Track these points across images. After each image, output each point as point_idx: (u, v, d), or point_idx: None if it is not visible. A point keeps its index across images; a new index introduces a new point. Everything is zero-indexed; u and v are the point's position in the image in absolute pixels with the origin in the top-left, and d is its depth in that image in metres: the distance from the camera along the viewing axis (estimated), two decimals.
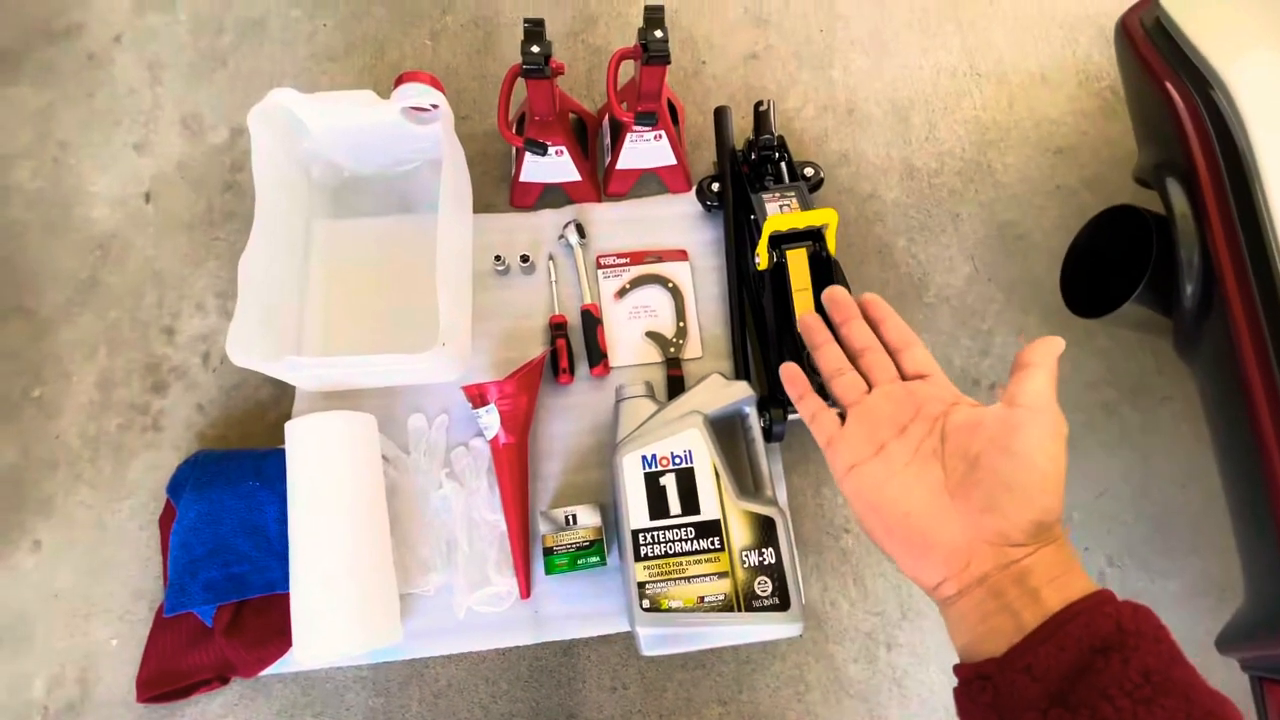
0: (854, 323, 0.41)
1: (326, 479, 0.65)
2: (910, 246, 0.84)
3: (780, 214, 0.70)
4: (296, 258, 0.76)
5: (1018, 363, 0.35)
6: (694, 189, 0.81)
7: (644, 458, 0.65)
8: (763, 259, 0.69)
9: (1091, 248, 0.65)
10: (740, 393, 0.68)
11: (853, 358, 0.40)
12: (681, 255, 0.81)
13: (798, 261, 0.69)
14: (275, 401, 0.75)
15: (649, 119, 0.70)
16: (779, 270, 0.69)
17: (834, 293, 0.41)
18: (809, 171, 0.79)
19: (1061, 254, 0.83)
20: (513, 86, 0.72)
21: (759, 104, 0.75)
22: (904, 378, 0.39)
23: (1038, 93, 0.92)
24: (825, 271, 0.70)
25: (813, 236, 0.70)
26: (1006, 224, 0.85)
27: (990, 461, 0.33)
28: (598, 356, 0.75)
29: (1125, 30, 0.63)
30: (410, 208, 0.81)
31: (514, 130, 0.74)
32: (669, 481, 0.64)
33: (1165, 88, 0.55)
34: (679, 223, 0.83)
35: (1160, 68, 0.56)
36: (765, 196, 0.73)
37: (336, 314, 0.77)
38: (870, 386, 0.39)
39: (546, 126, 0.73)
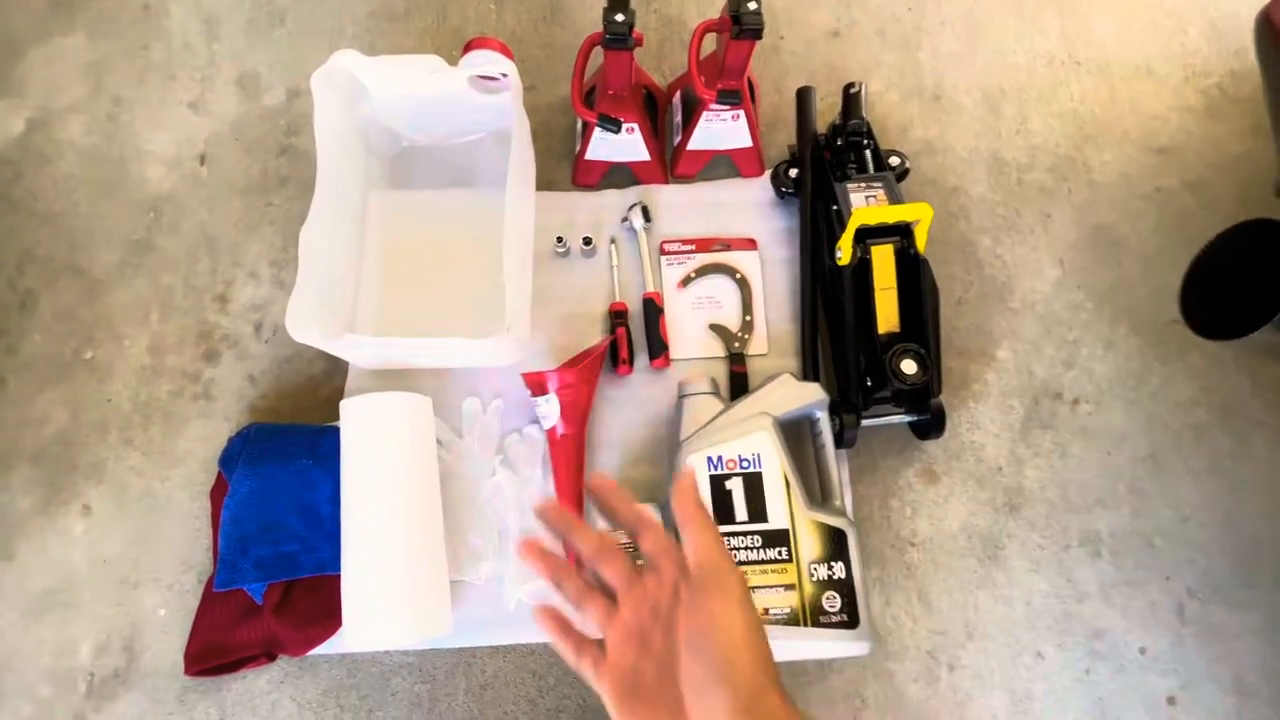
0: (576, 533, 0.37)
1: (382, 461, 0.63)
2: (996, 246, 0.79)
3: (868, 206, 0.66)
4: (354, 229, 0.74)
5: (677, 521, 0.33)
6: (769, 174, 0.77)
7: (709, 459, 0.62)
8: (845, 254, 0.65)
9: (1217, 264, 0.60)
10: (812, 395, 0.64)
11: (596, 569, 0.37)
12: (750, 244, 0.77)
13: (883, 259, 0.65)
14: (328, 376, 0.74)
15: (732, 97, 0.65)
16: (862, 267, 0.65)
17: (544, 508, 0.37)
18: (894, 161, 0.74)
19: (1158, 262, 0.78)
20: (589, 57, 0.68)
21: (849, 86, 0.70)
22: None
23: (1141, 86, 0.85)
24: (913, 270, 0.65)
25: (900, 232, 0.66)
26: (1100, 227, 0.80)
27: (690, 659, 0.31)
28: (659, 348, 0.72)
29: (1269, 26, 0.57)
30: (468, 181, 0.78)
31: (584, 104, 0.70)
32: (735, 486, 0.61)
33: None
34: (749, 209, 0.78)
35: None
36: (849, 186, 0.68)
37: (392, 289, 0.75)
38: (617, 599, 0.35)
39: (621, 101, 0.69)
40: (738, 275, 0.75)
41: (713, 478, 0.61)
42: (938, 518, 0.71)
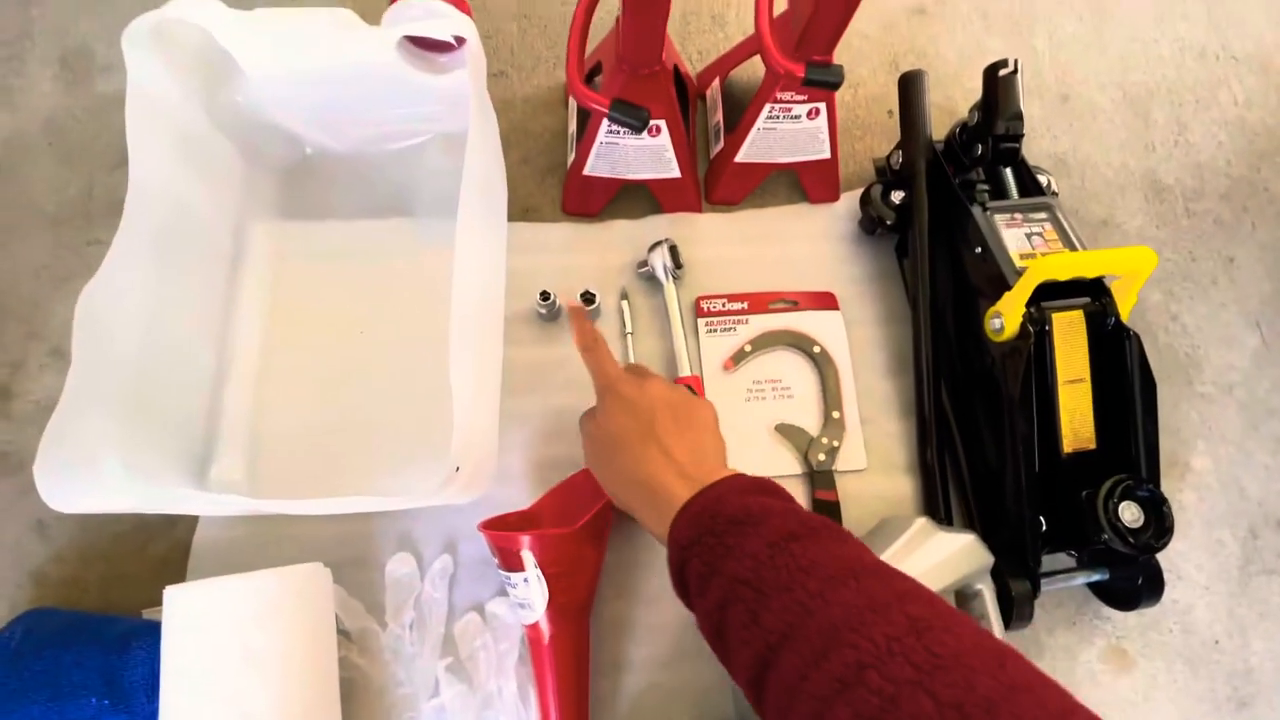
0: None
1: (233, 690, 0.36)
2: (1169, 303, 0.55)
3: (1041, 252, 0.42)
4: (212, 280, 0.47)
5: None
6: (854, 198, 0.53)
7: None
8: (1011, 322, 0.41)
9: None
10: (976, 558, 0.39)
11: None
12: (829, 301, 0.52)
13: (1071, 333, 0.41)
14: (167, 524, 0.45)
15: (828, 77, 0.41)
16: (1039, 344, 0.41)
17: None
18: (1041, 180, 0.50)
19: None
20: (591, 16, 0.43)
21: (997, 66, 0.45)
22: None
23: None
24: (1113, 351, 0.41)
25: (1090, 290, 0.42)
26: None
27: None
28: None
29: None
30: (406, 208, 0.52)
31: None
32: None
33: None
34: (822, 249, 0.54)
35: None
36: (999, 219, 0.44)
37: (280, 381, 0.47)
38: None
39: (647, 83, 0.43)
40: (816, 349, 0.50)
41: None
42: None
